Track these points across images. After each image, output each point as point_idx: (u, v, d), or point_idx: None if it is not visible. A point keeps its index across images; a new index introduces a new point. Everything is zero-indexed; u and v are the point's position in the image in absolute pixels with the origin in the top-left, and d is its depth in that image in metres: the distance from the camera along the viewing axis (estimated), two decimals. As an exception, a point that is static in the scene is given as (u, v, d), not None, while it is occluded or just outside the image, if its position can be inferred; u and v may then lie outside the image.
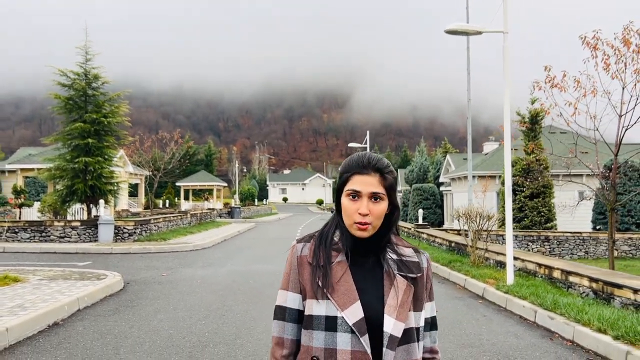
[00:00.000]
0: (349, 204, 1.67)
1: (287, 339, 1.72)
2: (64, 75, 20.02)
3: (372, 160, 1.70)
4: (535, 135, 24.59)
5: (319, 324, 1.63)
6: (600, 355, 6.05)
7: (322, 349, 1.61)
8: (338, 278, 1.64)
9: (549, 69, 13.74)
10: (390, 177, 1.71)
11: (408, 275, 1.69)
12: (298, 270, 1.71)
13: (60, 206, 20.72)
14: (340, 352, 1.59)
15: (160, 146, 35.50)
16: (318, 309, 1.64)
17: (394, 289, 1.65)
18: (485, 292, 9.73)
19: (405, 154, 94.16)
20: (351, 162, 1.72)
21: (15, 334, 6.41)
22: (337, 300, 1.62)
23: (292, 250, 1.76)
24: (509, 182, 9.79)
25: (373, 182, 1.67)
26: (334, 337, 1.61)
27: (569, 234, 22.63)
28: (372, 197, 1.66)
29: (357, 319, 1.59)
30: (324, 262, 1.67)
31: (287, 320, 1.72)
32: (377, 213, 1.66)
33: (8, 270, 10.80)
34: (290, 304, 1.72)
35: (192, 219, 29.23)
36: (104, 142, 20.28)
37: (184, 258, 15.91)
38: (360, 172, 1.68)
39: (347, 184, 1.69)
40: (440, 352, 1.84)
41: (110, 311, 8.28)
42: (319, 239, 1.74)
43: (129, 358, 5.81)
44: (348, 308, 1.60)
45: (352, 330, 1.59)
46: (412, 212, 36.79)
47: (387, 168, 1.71)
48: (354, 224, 1.66)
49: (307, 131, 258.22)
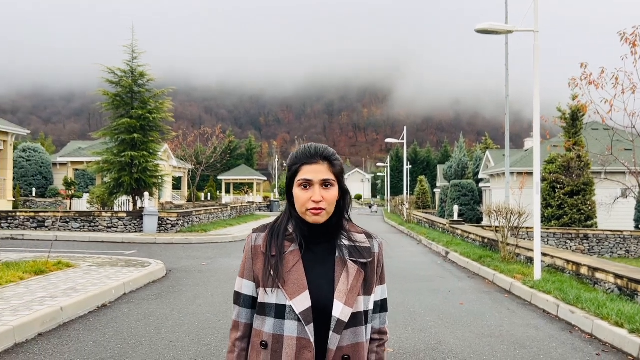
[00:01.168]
0: (301, 194, 1.74)
1: (242, 323, 1.82)
2: (112, 72, 20.98)
3: (319, 149, 1.78)
4: (576, 132, 24.23)
5: (269, 311, 1.71)
6: (615, 348, 6.25)
7: (270, 335, 1.70)
8: (289, 268, 1.71)
9: (585, 66, 13.69)
10: (338, 164, 1.79)
11: (359, 260, 1.76)
12: (252, 259, 1.79)
13: (108, 198, 21.75)
14: (286, 338, 1.67)
15: (202, 141, 36.50)
16: (269, 297, 1.72)
17: (344, 274, 1.72)
18: (512, 287, 9.93)
19: (446, 150, 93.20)
20: (298, 154, 1.80)
21: (69, 313, 7.06)
22: (286, 289, 1.68)
23: (248, 239, 1.84)
24: (537, 178, 9.93)
25: (322, 169, 1.75)
26: (282, 324, 1.69)
27: (609, 232, 22.28)
28: (323, 184, 1.74)
29: (304, 308, 1.67)
30: (276, 252, 1.74)
31: (242, 306, 1.82)
32: (329, 199, 1.74)
33: (61, 256, 11.61)
34: (245, 291, 1.81)
35: (232, 211, 30.05)
36: (149, 137, 21.18)
37: (223, 249, 16.56)
38: (309, 162, 1.75)
39: (298, 175, 1.76)
40: (389, 333, 1.93)
41: (153, 296, 8.89)
42: (271, 230, 1.81)
43: (169, 337, 6.35)
44: (296, 297, 1.67)
45: (299, 318, 1.66)
46: (450, 209, 36.68)
47: (334, 156, 1.80)
48: (307, 211, 1.74)
49: (346, 126, 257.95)
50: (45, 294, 7.77)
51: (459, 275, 12.11)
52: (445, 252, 15.99)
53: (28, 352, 5.68)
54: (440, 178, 56.41)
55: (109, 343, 6.05)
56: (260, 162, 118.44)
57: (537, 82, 9.94)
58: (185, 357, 5.61)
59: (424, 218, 28.84)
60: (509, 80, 21.15)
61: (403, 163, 76.80)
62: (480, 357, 5.80)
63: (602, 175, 25.45)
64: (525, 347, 6.27)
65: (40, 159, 40.93)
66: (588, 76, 13.33)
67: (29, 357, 5.49)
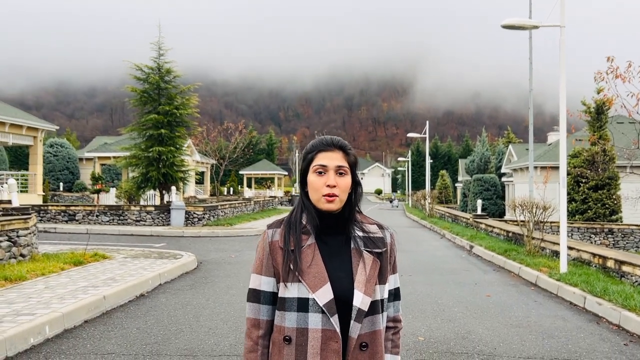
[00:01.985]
0: (316, 179, 1.80)
1: (263, 320, 1.82)
2: (139, 69, 21.42)
3: (335, 139, 1.86)
4: (601, 126, 24.05)
5: (291, 305, 1.73)
6: (643, 339, 6.37)
7: (294, 329, 1.72)
8: (309, 261, 1.74)
9: (611, 60, 13.64)
10: (352, 154, 1.86)
11: (374, 250, 1.81)
12: (271, 255, 1.81)
13: (136, 192, 22.24)
14: (311, 331, 1.70)
15: (225, 136, 36.95)
16: (290, 291, 1.73)
17: (361, 264, 1.77)
18: (538, 279, 10.04)
19: (467, 144, 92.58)
20: (315, 143, 1.86)
21: (111, 302, 7.39)
22: (308, 282, 1.71)
23: (264, 236, 1.86)
24: (563, 173, 10.01)
25: (337, 157, 1.81)
26: (305, 317, 1.71)
27: (635, 226, 22.10)
28: (337, 170, 1.80)
29: (327, 300, 1.70)
30: (294, 246, 1.76)
31: (262, 303, 1.82)
32: (343, 186, 1.80)
33: (96, 249, 12.01)
34: (265, 287, 1.82)
35: (255, 205, 30.44)
36: (176, 133, 21.60)
37: (249, 242, 16.87)
38: (325, 150, 1.82)
39: (313, 161, 1.82)
40: (402, 321, 1.98)
41: (188, 286, 9.21)
42: (287, 224, 1.83)
43: (207, 325, 6.64)
44: (319, 290, 1.70)
45: (323, 310, 1.69)
46: (472, 203, 36.62)
47: (348, 146, 1.87)
48: (322, 197, 1.78)
49: (366, 120, 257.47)
50: (86, 283, 8.13)
51: (484, 269, 12.24)
52: (469, 245, 16.09)
53: (77, 337, 6.01)
54: (462, 172, 56.20)
55: (152, 330, 6.35)
56: (280, 156, 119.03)
57: (563, 77, 10.00)
58: (226, 342, 5.88)
59: (446, 212, 28.88)
60: (529, 74, 21.12)
61: (424, 157, 76.57)
62: (510, 346, 5.97)
63: (628, 170, 25.21)
64: (554, 337, 6.42)
65: (67, 154, 41.84)
66: (615, 69, 13.30)
67: (79, 342, 5.81)
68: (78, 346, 5.67)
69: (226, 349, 5.65)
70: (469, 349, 5.84)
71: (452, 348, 5.88)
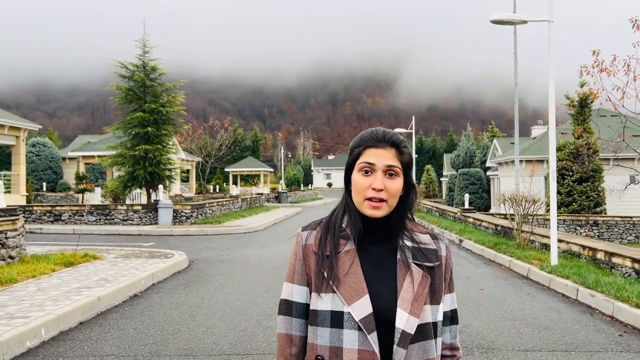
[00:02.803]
0: (361, 179, 1.54)
1: (296, 336, 1.59)
2: (124, 67, 21.19)
3: (387, 134, 1.58)
4: (585, 119, 24.33)
5: (323, 320, 1.49)
6: (637, 329, 6.47)
7: (327, 347, 1.48)
8: (346, 269, 1.50)
9: (597, 54, 13.79)
10: (407, 153, 1.59)
11: (424, 264, 1.54)
12: (304, 261, 1.58)
13: (122, 191, 22.04)
14: (346, 351, 1.45)
15: (210, 133, 36.74)
16: (323, 303, 1.50)
17: (408, 279, 1.51)
18: (530, 272, 10.15)
19: (451, 138, 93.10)
20: (364, 136, 1.60)
21: (106, 303, 7.31)
22: (343, 293, 1.47)
23: (297, 239, 1.63)
24: (553, 166, 10.11)
25: (388, 155, 1.55)
26: (339, 334, 1.47)
27: (619, 218, 22.45)
28: (387, 171, 1.54)
29: (364, 314, 1.45)
30: (330, 251, 1.53)
31: (294, 316, 1.59)
32: (392, 190, 1.54)
33: (85, 249, 11.87)
34: (297, 298, 1.59)
35: (243, 203, 30.33)
36: (162, 131, 21.43)
37: (239, 240, 16.81)
38: (375, 146, 1.56)
39: (360, 158, 1.56)
40: (461, 348, 1.70)
41: (181, 285, 9.15)
42: (326, 226, 1.60)
43: (205, 324, 6.60)
44: (355, 302, 1.46)
45: (360, 327, 1.45)
46: (459, 197, 36.86)
47: (403, 143, 1.58)
48: (365, 201, 1.53)
49: (350, 116, 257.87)
50: (79, 284, 8.03)
51: (475, 262, 12.33)
52: (458, 239, 16.20)
53: (74, 339, 5.94)
54: (447, 167, 56.55)
55: (149, 330, 6.30)
56: (265, 153, 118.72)
57: (552, 71, 10.09)
58: (225, 341, 5.85)
59: (433, 207, 29.05)
60: (514, 68, 21.33)
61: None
62: (508, 339, 6.03)
63: (611, 162, 25.55)
64: (550, 329, 6.48)
65: (50, 153, 41.28)
66: (600, 63, 13.46)
67: (76, 344, 5.74)
68: (75, 348, 5.60)
69: (226, 348, 5.62)
70: (467, 343, 5.87)
71: (451, 342, 5.91)
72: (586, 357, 5.45)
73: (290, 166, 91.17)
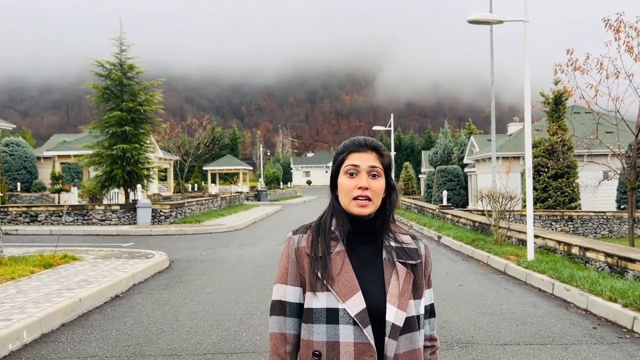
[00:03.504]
0: (347, 181, 1.68)
1: (290, 334, 1.68)
2: (101, 65, 20.93)
3: (368, 140, 1.74)
4: (559, 116, 24.77)
5: (319, 317, 1.60)
6: (610, 321, 6.67)
7: (324, 343, 1.58)
8: (338, 269, 1.62)
9: (571, 52, 14.09)
10: (387, 156, 1.74)
11: (408, 262, 1.68)
12: (297, 262, 1.68)
13: (100, 191, 21.80)
14: (343, 345, 1.56)
15: (188, 132, 36.51)
16: (319, 301, 1.61)
17: (394, 276, 1.64)
18: (507, 267, 10.36)
19: (429, 135, 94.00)
20: (347, 144, 1.74)
21: (87, 304, 7.28)
22: (337, 291, 1.59)
23: (289, 242, 1.72)
24: (529, 163, 10.33)
25: (370, 158, 1.69)
26: (336, 329, 1.58)
27: (593, 213, 22.95)
28: (370, 172, 1.68)
29: (359, 309, 1.57)
30: (322, 253, 1.64)
31: (288, 315, 1.68)
32: (376, 189, 1.67)
33: (63, 250, 11.75)
34: (291, 298, 1.68)
35: (222, 202, 30.23)
36: (140, 130, 21.24)
37: (219, 239, 16.78)
38: (358, 150, 1.70)
39: (345, 162, 1.71)
40: (438, 340, 1.86)
41: (163, 286, 9.13)
42: (317, 229, 1.71)
43: (188, 324, 6.62)
44: (349, 299, 1.58)
45: (355, 321, 1.56)
46: (437, 194, 37.24)
47: (383, 147, 1.75)
48: (352, 201, 1.66)
49: (329, 113, 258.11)
50: (59, 286, 7.97)
51: (453, 258, 12.53)
52: (437, 236, 16.41)
53: (56, 341, 5.91)
54: (425, 164, 57.04)
55: (132, 331, 6.30)
56: (243, 151, 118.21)
57: (528, 69, 10.29)
58: (209, 341, 5.88)
59: (412, 204, 29.31)
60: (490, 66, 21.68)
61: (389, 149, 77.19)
62: (486, 334, 6.17)
63: (585, 158, 26.09)
64: (527, 323, 6.65)
65: (24, 153, 40.58)
66: (574, 62, 13.75)
67: (59, 346, 5.72)
68: (58, 350, 5.58)
69: (210, 347, 5.66)
70: (447, 338, 6.00)
71: (431, 337, 6.02)
72: (562, 349, 5.61)
73: (269, 164, 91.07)
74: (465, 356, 5.40)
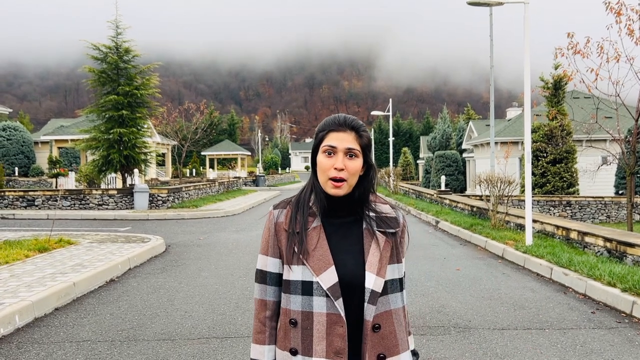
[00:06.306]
0: (324, 160, 1.73)
1: (270, 301, 1.80)
2: (97, 49, 20.71)
3: (348, 119, 1.76)
4: (559, 101, 24.63)
5: (295, 289, 1.70)
6: (609, 306, 6.62)
7: (299, 312, 1.69)
8: (314, 244, 1.70)
9: (571, 36, 13.93)
10: (366, 136, 1.77)
11: (387, 230, 1.76)
12: (276, 236, 1.78)
13: (97, 175, 21.69)
14: (316, 315, 1.67)
15: (186, 117, 36.30)
16: (295, 274, 1.70)
17: (374, 245, 1.73)
18: (505, 252, 10.30)
19: (428, 121, 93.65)
20: (327, 121, 1.78)
21: (81, 288, 7.22)
22: (312, 265, 1.68)
23: (270, 216, 1.82)
24: (528, 148, 10.23)
25: (349, 138, 1.73)
26: (310, 300, 1.68)
27: (591, 198, 22.92)
28: (347, 153, 1.72)
29: (331, 283, 1.66)
30: (299, 228, 1.73)
31: (268, 284, 1.79)
32: (352, 169, 1.72)
33: (59, 234, 11.69)
34: (271, 268, 1.79)
35: (220, 187, 30.14)
36: (137, 114, 21.07)
37: (217, 224, 16.73)
38: (337, 130, 1.74)
39: (324, 141, 1.74)
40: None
41: (158, 270, 9.07)
42: (296, 204, 1.79)
43: (183, 308, 6.56)
44: (323, 273, 1.67)
45: (327, 294, 1.66)
46: (435, 179, 37.19)
47: (363, 127, 1.77)
48: (328, 181, 1.72)
49: (328, 99, 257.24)
50: (54, 270, 7.90)
51: (451, 243, 12.48)
52: (435, 221, 16.36)
53: (49, 325, 5.85)
54: (424, 149, 56.92)
55: (126, 315, 6.24)
56: (242, 137, 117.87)
57: (528, 53, 10.15)
58: (203, 325, 5.83)
59: (410, 189, 29.25)
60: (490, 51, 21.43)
61: (386, 135, 76.95)
62: (484, 319, 6.12)
63: (584, 143, 26.00)
64: (525, 307, 6.60)
65: (22, 137, 40.39)
66: (574, 46, 13.59)
67: (52, 330, 5.66)
68: (51, 334, 5.52)
69: (204, 332, 5.60)
70: (444, 322, 5.95)
71: (428, 322, 5.98)
72: (560, 334, 5.56)
73: (267, 149, 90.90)
74: (462, 341, 5.35)
